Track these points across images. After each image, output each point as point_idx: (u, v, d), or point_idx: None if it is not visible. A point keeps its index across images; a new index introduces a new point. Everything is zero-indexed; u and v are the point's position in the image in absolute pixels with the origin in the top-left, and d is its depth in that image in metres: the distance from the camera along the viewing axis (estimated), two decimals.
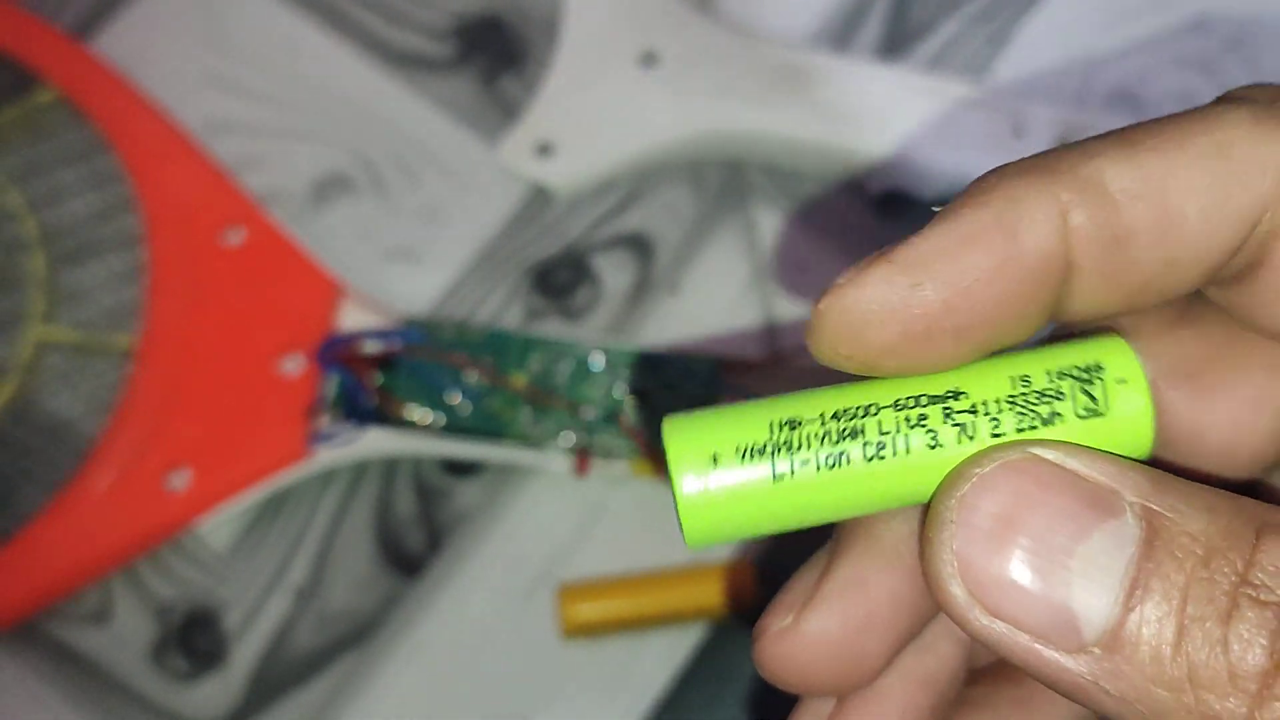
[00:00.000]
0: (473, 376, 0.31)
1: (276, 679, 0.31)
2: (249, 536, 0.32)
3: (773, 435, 0.15)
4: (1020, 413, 0.16)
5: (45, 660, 0.31)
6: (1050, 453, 0.15)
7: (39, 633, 0.31)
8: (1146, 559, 0.14)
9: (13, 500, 0.31)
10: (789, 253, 0.34)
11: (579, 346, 0.32)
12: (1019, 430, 0.16)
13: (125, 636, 0.31)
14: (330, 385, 0.32)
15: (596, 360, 0.32)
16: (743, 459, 0.15)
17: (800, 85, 0.34)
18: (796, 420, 0.15)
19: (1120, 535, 0.15)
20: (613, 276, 0.34)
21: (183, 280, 0.33)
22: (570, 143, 0.35)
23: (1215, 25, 0.36)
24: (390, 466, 0.33)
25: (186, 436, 0.31)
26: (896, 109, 0.34)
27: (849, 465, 0.15)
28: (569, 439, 0.31)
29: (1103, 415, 0.16)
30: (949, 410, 0.16)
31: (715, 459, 0.15)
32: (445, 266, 0.34)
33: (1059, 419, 0.16)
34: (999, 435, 0.16)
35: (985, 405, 0.16)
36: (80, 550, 0.31)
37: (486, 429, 0.31)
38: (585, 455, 0.31)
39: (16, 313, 0.33)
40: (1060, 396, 0.16)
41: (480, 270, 0.34)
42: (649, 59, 0.35)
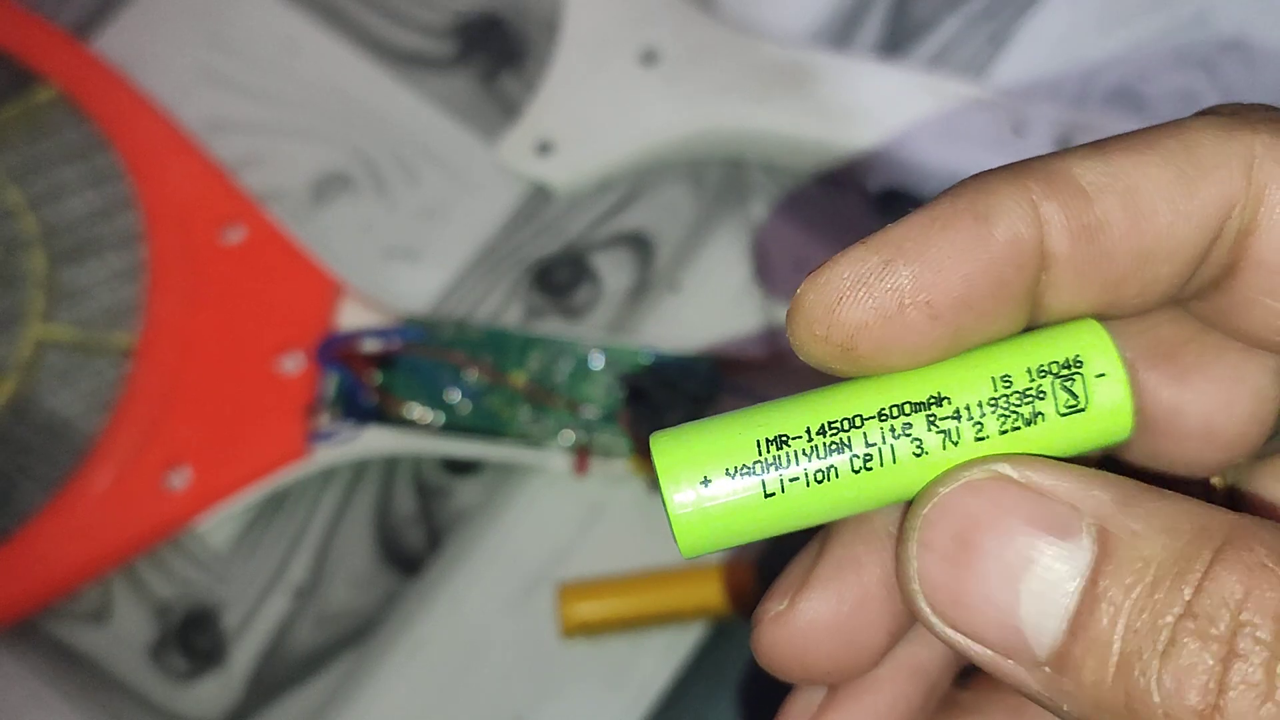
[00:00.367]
0: (472, 375, 0.31)
1: (276, 678, 0.31)
2: (248, 535, 0.32)
3: (761, 454, 0.16)
4: (1003, 415, 0.16)
5: (45, 659, 0.31)
6: (1015, 470, 0.15)
7: (39, 632, 0.31)
8: (1094, 583, 0.14)
9: (12, 499, 0.31)
10: (788, 251, 0.34)
11: (579, 345, 0.32)
12: (1002, 432, 0.16)
13: (125, 635, 0.31)
14: (330, 384, 0.32)
15: (596, 359, 0.32)
16: (732, 477, 0.16)
17: (801, 84, 0.34)
18: (784, 437, 0.16)
19: (1073, 558, 0.15)
20: (613, 275, 0.34)
21: (182, 278, 0.33)
22: (570, 141, 0.35)
23: (1215, 24, 0.36)
24: (390, 465, 0.33)
25: (186, 435, 0.31)
26: (897, 107, 0.34)
27: (837, 477, 0.16)
28: (568, 438, 0.31)
29: (1084, 411, 0.16)
30: (933, 417, 0.16)
31: (706, 481, 0.16)
32: (445, 265, 0.34)
33: (1041, 419, 0.16)
34: (983, 439, 0.16)
35: (968, 410, 0.16)
36: (80, 549, 0.31)
37: (486, 428, 0.31)
38: (585, 454, 0.31)
39: (16, 311, 0.33)
40: (1041, 395, 0.16)
41: (480, 269, 0.34)
42: (649, 57, 0.35)
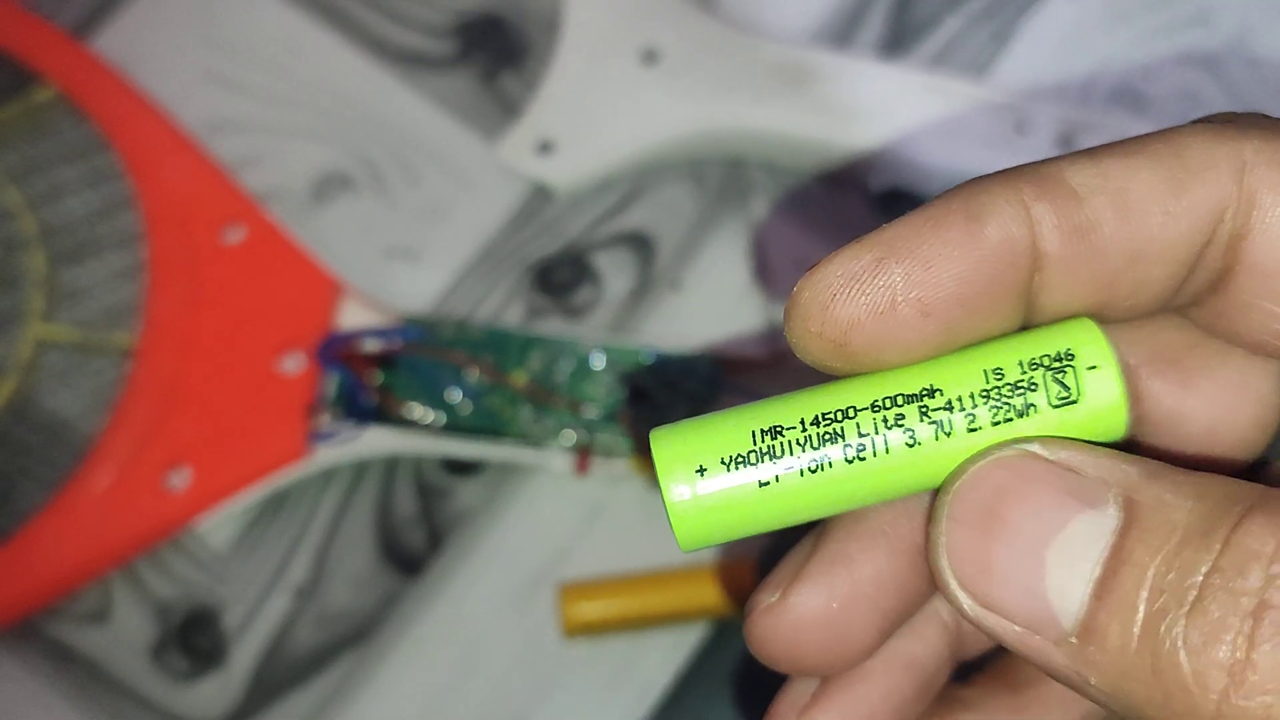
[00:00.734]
0: (473, 375, 0.31)
1: (276, 678, 0.31)
2: (249, 535, 0.32)
3: (756, 444, 0.16)
4: (995, 406, 0.16)
5: (45, 659, 0.31)
6: (1044, 448, 0.16)
7: (38, 632, 0.31)
8: (1121, 548, 0.14)
9: (12, 499, 0.31)
10: (789, 251, 0.34)
11: (580, 345, 0.32)
12: (994, 424, 0.16)
13: (125, 636, 0.31)
14: (330, 384, 0.32)
15: (597, 359, 0.32)
16: (728, 469, 0.16)
17: (802, 83, 0.34)
18: (778, 428, 0.16)
19: (1099, 525, 0.15)
20: (613, 274, 0.34)
21: (182, 278, 0.33)
22: (571, 140, 0.35)
23: (1218, 22, 0.36)
24: (390, 465, 0.32)
25: (186, 435, 0.31)
26: (898, 107, 0.34)
27: (831, 469, 0.16)
28: (569, 437, 0.31)
29: (1076, 403, 0.16)
30: (925, 408, 0.16)
31: (702, 470, 0.16)
32: (445, 265, 0.34)
33: (1034, 410, 0.16)
34: (975, 430, 0.16)
35: (960, 401, 0.16)
36: (80, 549, 0.31)
37: (487, 428, 0.31)
38: (586, 454, 0.31)
39: (16, 311, 0.33)
40: (1034, 387, 0.16)
41: (480, 268, 0.34)
42: (650, 57, 0.35)
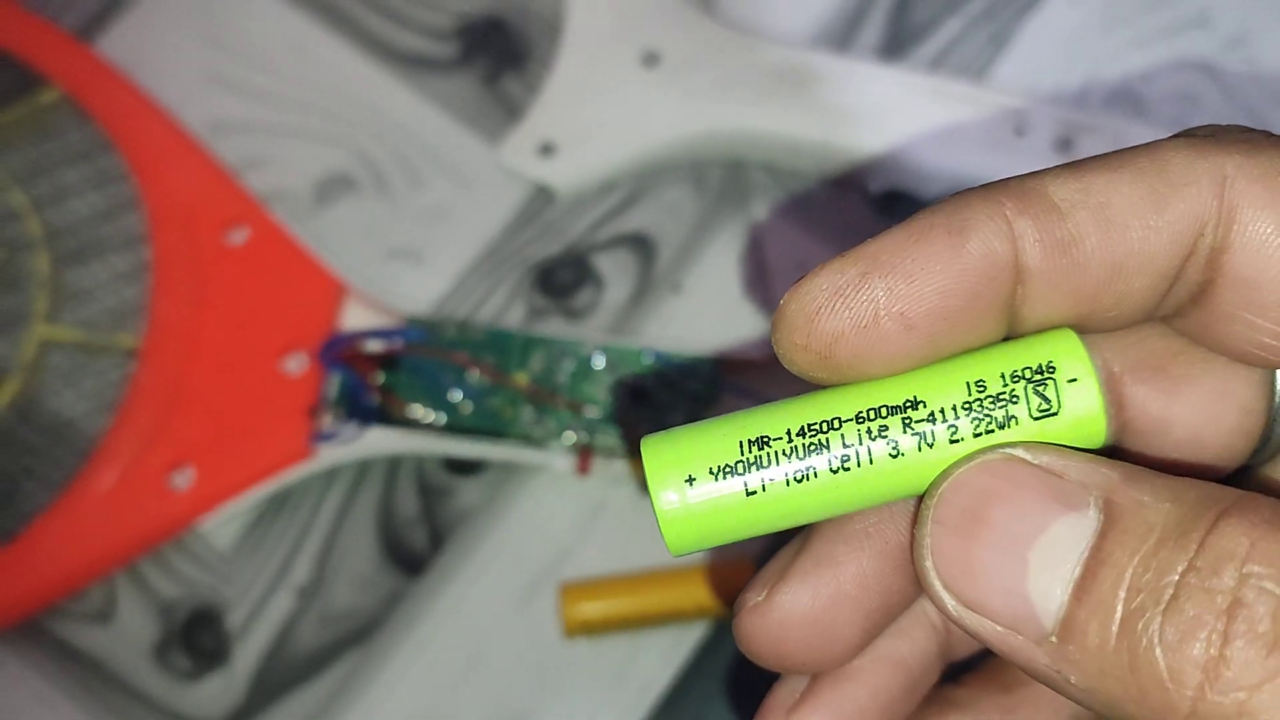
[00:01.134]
0: (475, 375, 0.31)
1: (279, 677, 0.31)
2: (252, 535, 0.32)
3: (743, 454, 0.16)
4: (977, 418, 0.16)
5: (49, 658, 0.31)
6: (1027, 452, 0.16)
7: (43, 631, 0.31)
8: (1100, 549, 0.15)
9: (16, 499, 0.32)
10: (789, 252, 0.34)
11: (581, 345, 0.32)
12: (976, 435, 0.16)
13: (128, 635, 0.31)
14: (333, 384, 0.32)
15: (598, 359, 0.32)
16: (716, 478, 0.16)
17: (802, 85, 0.35)
18: (765, 438, 0.16)
19: (1079, 527, 0.15)
20: (614, 276, 0.34)
21: (186, 279, 0.33)
22: (572, 142, 0.35)
23: (1216, 24, 0.36)
24: (393, 465, 0.33)
25: (190, 435, 0.31)
26: (898, 109, 0.34)
27: (816, 478, 0.16)
28: (571, 438, 0.31)
29: (1057, 414, 0.16)
30: (908, 420, 0.16)
31: (691, 480, 0.16)
32: (447, 266, 0.34)
33: (1015, 422, 0.16)
34: (957, 441, 0.16)
35: (943, 412, 0.16)
36: (84, 549, 0.31)
37: (488, 428, 0.31)
38: (587, 454, 0.31)
39: (20, 312, 0.33)
40: (1015, 399, 0.16)
41: (482, 269, 0.34)
42: (651, 59, 0.35)
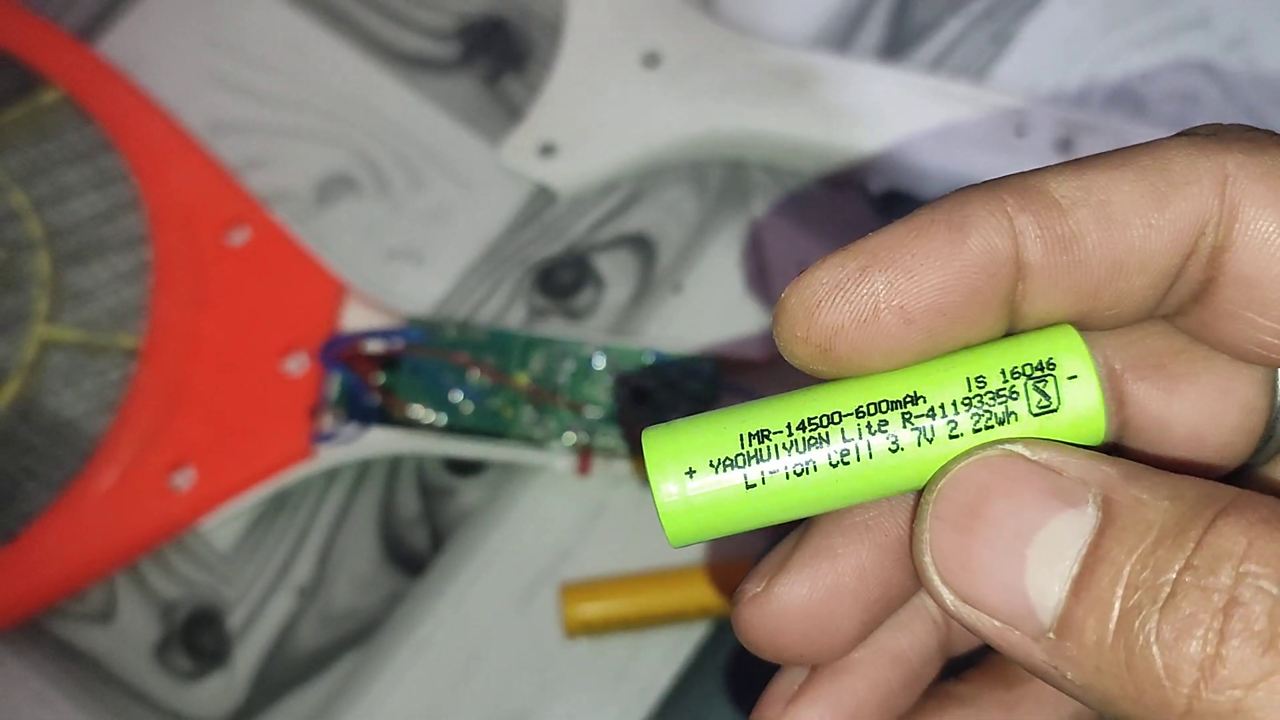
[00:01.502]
0: (475, 376, 0.31)
1: (280, 678, 0.31)
2: (252, 535, 0.32)
3: (743, 447, 0.17)
4: (976, 413, 0.16)
5: (49, 659, 0.31)
6: (1026, 449, 0.16)
7: (43, 631, 0.31)
8: (1098, 546, 0.15)
9: (17, 499, 0.32)
10: (789, 252, 0.34)
11: (581, 346, 0.32)
12: (975, 430, 0.16)
13: (129, 635, 0.31)
14: (333, 385, 0.32)
15: (599, 360, 0.32)
16: (716, 470, 0.17)
17: (802, 86, 0.35)
18: (765, 431, 0.17)
19: (1077, 524, 0.15)
20: (615, 276, 0.34)
21: (187, 280, 0.33)
22: (573, 143, 0.35)
23: (1217, 24, 0.36)
24: (393, 466, 0.33)
25: (190, 436, 0.31)
26: (898, 109, 0.34)
27: (815, 472, 0.16)
28: (571, 438, 0.31)
29: (1056, 411, 0.16)
30: (908, 415, 0.16)
31: (691, 472, 0.17)
32: (448, 266, 0.34)
33: (1014, 418, 0.16)
34: (957, 436, 0.16)
35: (943, 408, 0.16)
36: (84, 549, 0.31)
37: (489, 428, 0.31)
38: (587, 454, 0.31)
39: (21, 312, 0.33)
40: (1015, 395, 0.16)
41: (483, 270, 0.34)
42: (651, 59, 0.35)
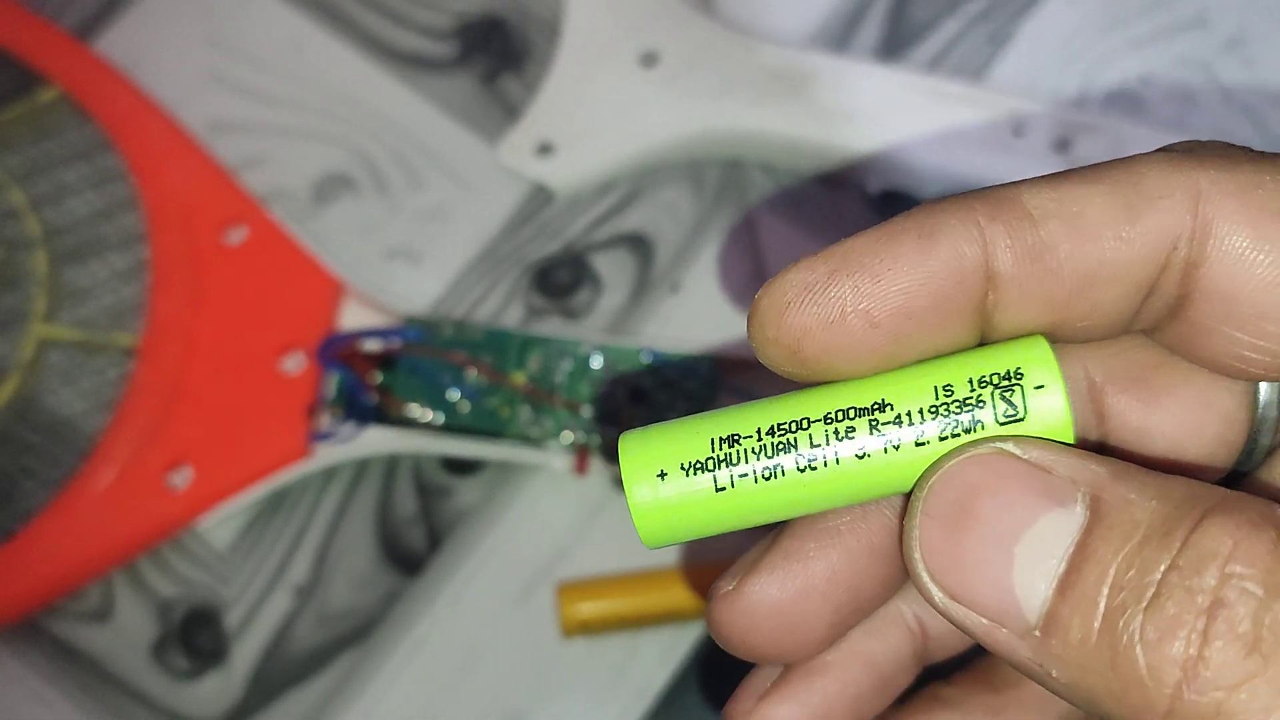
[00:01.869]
0: (473, 375, 0.31)
1: (277, 677, 0.31)
2: (250, 534, 0.32)
3: (714, 451, 0.17)
4: (943, 422, 0.16)
5: (46, 658, 0.31)
6: (1017, 447, 0.16)
7: (40, 630, 0.31)
8: (1085, 545, 0.15)
9: (14, 498, 0.32)
10: (787, 252, 0.34)
11: (579, 345, 0.32)
12: (941, 439, 0.16)
13: (126, 634, 0.31)
14: (331, 384, 0.32)
15: (596, 359, 0.32)
16: (687, 474, 0.17)
17: (800, 85, 0.35)
18: (736, 436, 0.17)
19: (1065, 522, 0.15)
20: (612, 276, 0.34)
21: (184, 279, 0.33)
22: (570, 142, 0.35)
23: (1215, 26, 0.36)
24: (390, 465, 0.33)
25: (188, 435, 0.31)
26: (896, 109, 0.34)
27: (783, 476, 0.17)
28: (568, 437, 0.31)
29: (1022, 420, 0.16)
30: (875, 422, 0.17)
31: (663, 475, 0.17)
32: (445, 265, 0.34)
33: (980, 427, 0.16)
34: (922, 444, 0.16)
35: (909, 415, 0.16)
36: (81, 548, 0.31)
37: (486, 427, 0.31)
38: (585, 454, 0.31)
39: (18, 311, 0.33)
40: (981, 404, 0.16)
41: (480, 269, 0.34)
42: (649, 59, 0.35)
